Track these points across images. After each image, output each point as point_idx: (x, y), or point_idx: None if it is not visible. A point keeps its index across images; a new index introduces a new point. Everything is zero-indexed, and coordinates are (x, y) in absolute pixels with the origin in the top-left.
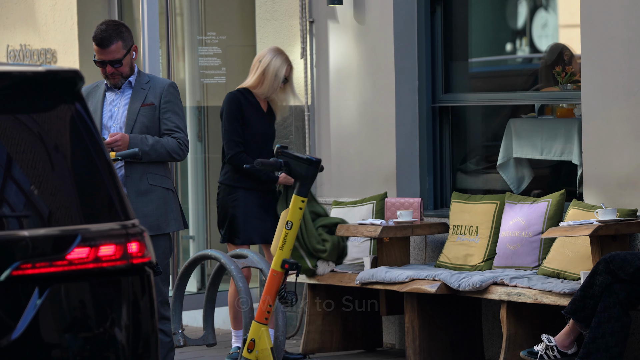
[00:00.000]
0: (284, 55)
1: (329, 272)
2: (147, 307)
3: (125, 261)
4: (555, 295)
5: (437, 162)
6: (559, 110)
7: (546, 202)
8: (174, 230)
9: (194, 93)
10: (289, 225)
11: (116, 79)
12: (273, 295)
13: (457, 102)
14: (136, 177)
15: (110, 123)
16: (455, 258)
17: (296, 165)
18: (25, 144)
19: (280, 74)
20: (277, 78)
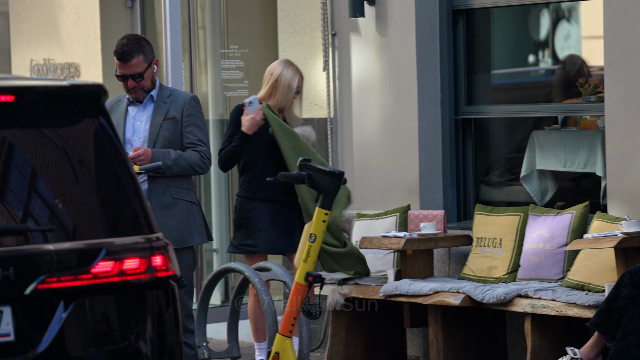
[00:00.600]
0: (294, 67)
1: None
2: (172, 320)
3: (150, 274)
4: (580, 308)
5: (460, 174)
6: (582, 122)
7: (570, 214)
8: (198, 243)
9: (217, 106)
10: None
11: (138, 93)
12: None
13: (480, 114)
14: (160, 191)
15: (132, 137)
16: (479, 270)
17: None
18: (49, 158)
19: (293, 85)
20: (290, 89)
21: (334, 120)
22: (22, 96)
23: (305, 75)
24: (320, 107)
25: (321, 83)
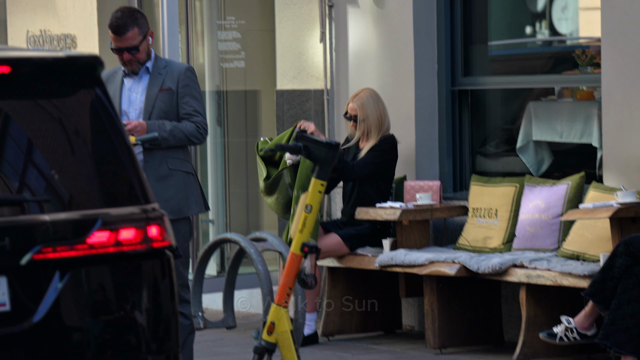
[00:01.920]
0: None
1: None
2: (167, 290)
3: (146, 245)
4: (575, 277)
5: (457, 145)
6: (578, 93)
7: (566, 185)
8: (195, 213)
9: (213, 78)
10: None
11: (133, 65)
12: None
13: (477, 86)
14: (155, 162)
15: (128, 109)
16: (475, 240)
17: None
18: (45, 129)
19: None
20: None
21: (330, 91)
22: (18, 67)
23: (302, 47)
24: (317, 78)
25: (318, 54)
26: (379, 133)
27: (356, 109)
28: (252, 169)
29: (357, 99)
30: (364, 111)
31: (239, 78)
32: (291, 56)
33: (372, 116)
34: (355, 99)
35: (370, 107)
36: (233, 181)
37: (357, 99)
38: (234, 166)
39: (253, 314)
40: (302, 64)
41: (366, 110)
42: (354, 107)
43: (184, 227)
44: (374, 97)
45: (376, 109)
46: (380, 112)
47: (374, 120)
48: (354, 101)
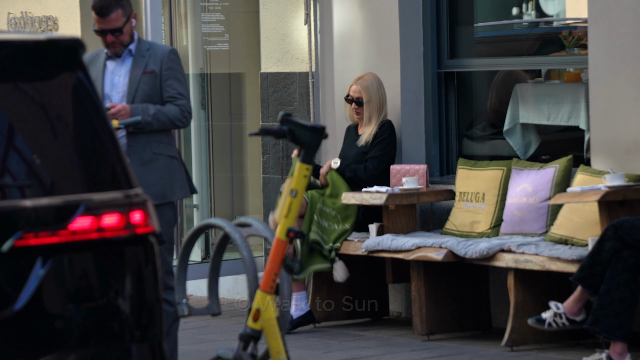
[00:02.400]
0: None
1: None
2: (151, 277)
3: (129, 231)
4: (563, 262)
5: (443, 129)
6: (565, 74)
7: (553, 168)
8: (180, 198)
9: (197, 60)
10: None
11: (117, 47)
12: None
13: (463, 68)
14: (139, 147)
15: (111, 92)
16: (462, 225)
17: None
18: (27, 113)
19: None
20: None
21: (315, 74)
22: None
23: (287, 29)
24: (302, 61)
25: (302, 36)
26: (378, 118)
27: (360, 91)
28: (236, 153)
29: (362, 81)
30: (369, 93)
31: (223, 60)
32: (275, 38)
33: (375, 100)
34: (360, 81)
35: (374, 90)
36: (217, 165)
37: (362, 81)
38: (219, 150)
39: (238, 300)
40: (287, 46)
41: (370, 93)
42: (357, 89)
43: (168, 212)
44: (378, 81)
45: (379, 93)
46: (382, 98)
47: (376, 104)
48: (358, 83)
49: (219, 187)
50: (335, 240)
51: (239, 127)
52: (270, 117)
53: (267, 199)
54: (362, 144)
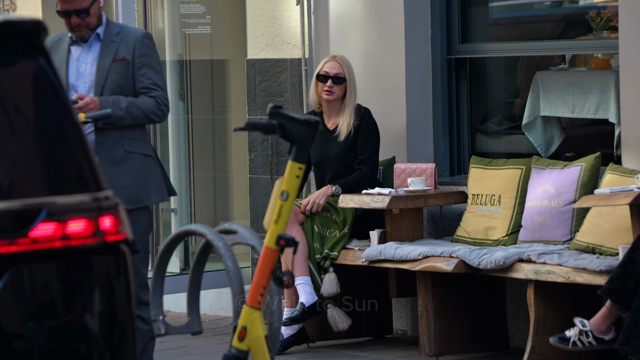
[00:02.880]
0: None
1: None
2: (123, 290)
3: (98, 239)
4: (590, 273)
5: (454, 122)
6: (593, 61)
7: (579, 167)
8: (156, 201)
9: (175, 45)
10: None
11: (82, 31)
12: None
13: (477, 53)
14: (109, 144)
15: (77, 82)
16: (475, 232)
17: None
18: None
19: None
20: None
21: (309, 60)
22: None
23: (277, 10)
24: (294, 45)
25: (294, 18)
26: (353, 103)
27: (340, 67)
28: (220, 150)
29: (339, 58)
30: (349, 71)
31: (204, 46)
32: (264, 20)
33: (352, 80)
34: (336, 58)
35: (351, 69)
36: (198, 164)
37: (338, 58)
38: (200, 147)
39: (222, 317)
40: (277, 29)
41: (350, 72)
42: (336, 64)
43: (143, 218)
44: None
45: (353, 74)
46: (354, 78)
47: (353, 85)
48: (336, 59)
49: (199, 189)
50: (333, 247)
51: (223, 120)
52: (257, 109)
53: (255, 202)
54: (342, 139)
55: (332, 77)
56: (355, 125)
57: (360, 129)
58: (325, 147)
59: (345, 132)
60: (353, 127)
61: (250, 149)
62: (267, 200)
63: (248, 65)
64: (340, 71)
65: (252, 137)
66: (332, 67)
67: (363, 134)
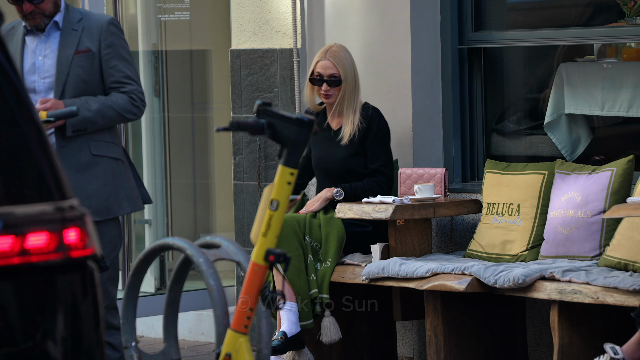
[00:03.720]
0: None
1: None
2: (90, 313)
3: (61, 254)
4: (622, 293)
5: (466, 121)
6: (625, 51)
7: (609, 172)
8: (128, 211)
9: (149, 34)
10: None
11: (37, 19)
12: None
13: (492, 43)
14: (74, 147)
15: (34, 77)
16: (491, 246)
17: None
18: None
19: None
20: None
21: (301, 51)
22: None
23: None
24: (285, 34)
25: (285, 3)
26: (355, 102)
27: (334, 67)
28: (200, 153)
29: (332, 54)
30: (345, 69)
31: (183, 34)
32: (250, 5)
33: (351, 77)
34: (329, 54)
35: (348, 64)
36: (176, 170)
37: (332, 54)
38: (177, 150)
39: (203, 342)
40: (265, 15)
41: (346, 69)
42: (329, 64)
43: (112, 230)
44: (348, 53)
45: (353, 69)
46: (356, 73)
47: (352, 83)
48: (329, 57)
49: (177, 197)
50: (321, 284)
51: (204, 119)
52: (243, 106)
53: (240, 212)
54: (345, 143)
55: (326, 80)
56: (362, 128)
57: (370, 133)
58: (328, 150)
59: (348, 136)
60: (359, 129)
61: (235, 151)
62: (254, 209)
63: (232, 56)
64: (334, 71)
65: (237, 138)
66: (325, 66)
67: (374, 139)
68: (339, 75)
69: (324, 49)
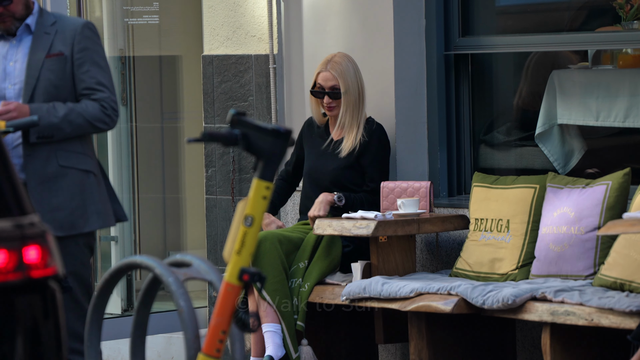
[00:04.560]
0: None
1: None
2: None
3: (21, 274)
4: (618, 315)
5: (453, 132)
6: (621, 57)
7: (604, 186)
8: (96, 227)
9: (115, 38)
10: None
11: (7, 22)
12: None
13: (480, 48)
14: (41, 157)
15: (4, 84)
16: (479, 264)
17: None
18: None
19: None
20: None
21: (278, 57)
22: None
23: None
24: (260, 39)
25: (260, 6)
26: (359, 115)
27: (334, 78)
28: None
29: (334, 65)
30: (346, 81)
31: (152, 39)
32: (223, 9)
33: (354, 89)
34: (331, 65)
35: (351, 76)
36: (144, 183)
37: (334, 64)
38: (146, 162)
39: None
40: (239, 19)
41: (348, 81)
42: (330, 75)
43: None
44: (353, 63)
45: (357, 80)
46: (361, 86)
47: (355, 95)
48: (330, 68)
49: (145, 213)
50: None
51: (174, 130)
52: (216, 116)
53: (212, 229)
54: (344, 155)
55: (327, 93)
56: (363, 142)
57: (370, 149)
58: (323, 159)
59: (348, 149)
60: (360, 143)
61: (208, 164)
62: (227, 226)
63: (204, 62)
64: (335, 83)
65: (209, 149)
66: (326, 78)
67: (375, 157)
68: (338, 87)
69: (326, 59)
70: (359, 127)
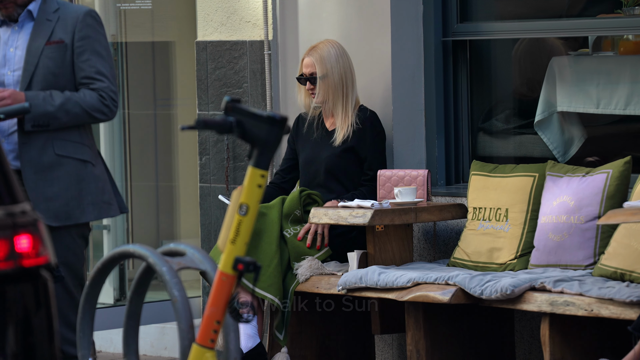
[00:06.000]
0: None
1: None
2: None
3: (12, 263)
4: (618, 305)
5: (451, 120)
6: (622, 44)
7: (605, 174)
8: (92, 219)
9: (107, 24)
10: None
11: (9, 8)
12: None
13: (479, 35)
14: (37, 145)
15: (4, 70)
16: (477, 254)
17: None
18: None
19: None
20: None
21: (273, 43)
22: None
23: None
24: (255, 25)
25: None
26: (344, 100)
27: (313, 64)
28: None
29: (314, 51)
30: (324, 66)
31: (144, 24)
32: None
33: (335, 74)
34: (312, 52)
35: (332, 61)
36: (137, 171)
37: (314, 51)
38: (138, 150)
39: (166, 358)
40: (233, 4)
41: (326, 65)
42: (309, 61)
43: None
44: (337, 48)
45: (338, 65)
46: (345, 70)
47: (337, 79)
48: (310, 54)
49: (138, 201)
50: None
51: (167, 117)
52: (210, 103)
53: (207, 218)
54: (338, 144)
55: (308, 78)
56: (357, 130)
57: (365, 137)
58: (319, 149)
59: (342, 137)
60: (353, 131)
61: (201, 152)
62: (221, 214)
63: (198, 48)
64: (313, 69)
65: (203, 137)
66: (307, 64)
67: (371, 144)
68: (314, 73)
69: (310, 47)
70: (346, 113)
